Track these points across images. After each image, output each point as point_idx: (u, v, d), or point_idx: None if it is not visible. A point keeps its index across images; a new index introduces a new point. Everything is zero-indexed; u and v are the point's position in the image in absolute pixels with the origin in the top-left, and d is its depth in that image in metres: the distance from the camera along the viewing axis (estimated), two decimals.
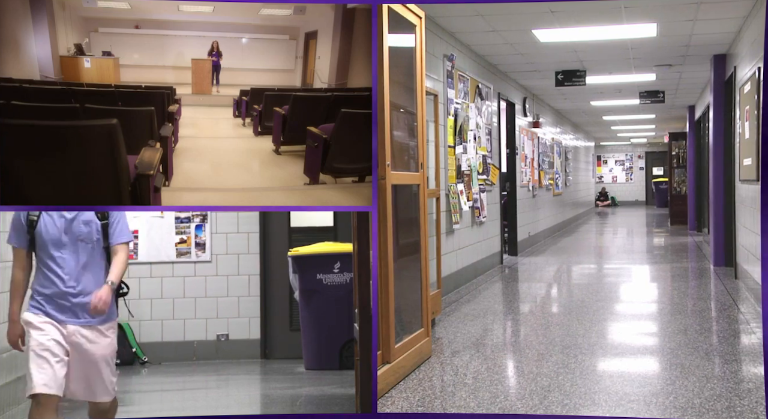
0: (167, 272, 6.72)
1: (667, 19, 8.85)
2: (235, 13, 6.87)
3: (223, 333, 6.56)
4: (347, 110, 5.20)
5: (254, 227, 6.54)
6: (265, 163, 6.04)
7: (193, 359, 6.64)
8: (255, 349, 6.55)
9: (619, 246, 16.28)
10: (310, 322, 5.94)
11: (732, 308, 7.83)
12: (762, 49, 6.76)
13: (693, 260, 12.25)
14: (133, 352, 6.54)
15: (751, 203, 8.05)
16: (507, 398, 4.87)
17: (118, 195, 4.21)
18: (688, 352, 5.97)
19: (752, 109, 7.83)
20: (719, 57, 10.92)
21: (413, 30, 5.90)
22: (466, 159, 9.71)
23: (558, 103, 17.48)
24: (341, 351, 5.91)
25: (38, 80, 5.67)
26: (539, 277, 10.80)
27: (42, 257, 3.73)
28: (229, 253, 6.60)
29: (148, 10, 7.04)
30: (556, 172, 18.31)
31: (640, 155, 34.03)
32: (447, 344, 6.41)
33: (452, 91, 9.17)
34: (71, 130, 4.17)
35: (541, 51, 10.52)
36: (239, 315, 6.55)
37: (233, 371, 6.23)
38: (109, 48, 6.47)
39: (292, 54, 7.10)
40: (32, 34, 5.59)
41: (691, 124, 18.06)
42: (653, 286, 10.30)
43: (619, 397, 4.86)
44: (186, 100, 6.58)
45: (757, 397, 4.76)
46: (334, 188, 5.26)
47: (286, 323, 6.54)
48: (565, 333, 6.77)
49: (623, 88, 14.58)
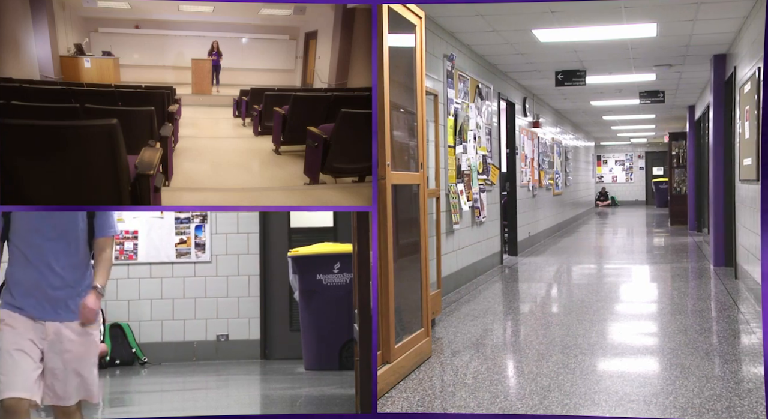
0: (167, 272, 6.71)
1: (667, 19, 8.85)
2: (235, 13, 6.88)
3: (223, 334, 6.58)
4: (347, 110, 5.20)
5: (254, 228, 6.57)
6: (265, 163, 6.04)
7: (193, 359, 6.64)
8: (255, 349, 6.56)
9: (619, 246, 16.28)
10: (309, 322, 5.95)
11: (732, 308, 7.83)
12: (762, 49, 6.76)
13: (693, 260, 12.25)
14: (133, 352, 6.54)
15: (751, 203, 8.05)
16: (507, 398, 4.87)
17: (118, 195, 4.20)
18: (688, 352, 5.97)
19: (752, 109, 7.83)
20: (719, 57, 10.92)
21: (413, 30, 5.90)
22: (466, 159, 9.71)
23: (558, 103, 17.48)
24: (341, 352, 5.91)
25: (38, 80, 5.67)
26: (539, 277, 10.80)
27: (20, 246, 3.47)
28: (228, 253, 6.62)
29: (148, 10, 7.04)
30: (556, 172, 18.31)
31: (640, 155, 34.03)
32: (447, 344, 6.41)
33: (452, 91, 9.17)
34: (71, 130, 4.17)
35: (541, 51, 10.52)
36: (239, 315, 6.57)
37: (233, 371, 6.24)
38: (109, 48, 6.47)
39: (292, 54, 7.10)
40: (32, 34, 5.59)
41: (691, 124, 18.06)
42: (653, 286, 10.30)
43: (619, 397, 4.86)
44: (186, 101, 6.58)
45: (757, 397, 4.76)
46: (334, 188, 5.26)
47: (285, 323, 6.55)
48: (565, 333, 6.77)
49: (623, 88, 14.58)
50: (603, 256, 14.06)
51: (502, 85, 12.40)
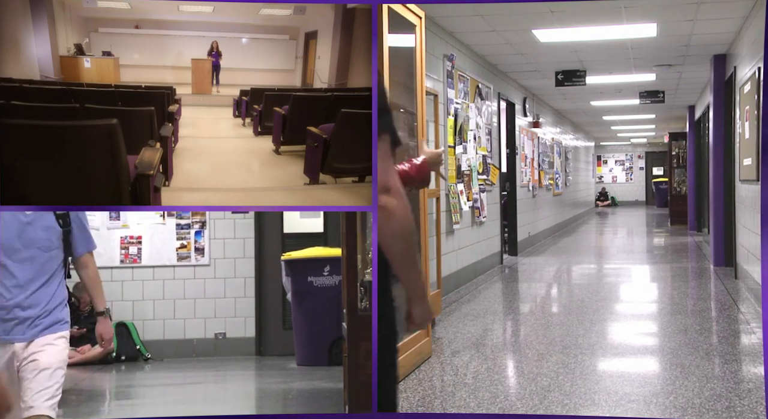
0: (168, 275, 7.01)
1: (667, 19, 8.84)
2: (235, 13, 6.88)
3: (221, 332, 6.84)
4: (347, 109, 5.19)
5: (250, 233, 6.84)
6: (265, 163, 6.05)
7: (193, 355, 6.90)
8: (250, 347, 6.80)
9: (619, 246, 16.29)
10: (301, 321, 6.22)
11: (732, 308, 7.82)
12: (762, 49, 6.76)
13: (693, 260, 12.25)
14: (137, 349, 6.84)
15: (751, 203, 8.05)
16: (507, 398, 4.87)
17: (118, 195, 4.19)
18: (688, 352, 5.97)
19: (752, 109, 7.83)
20: (719, 57, 10.92)
21: (413, 30, 5.90)
22: (466, 159, 9.71)
23: (558, 103, 17.48)
24: (330, 349, 6.14)
25: (38, 80, 5.67)
26: (539, 277, 10.80)
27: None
28: (226, 257, 6.89)
29: (148, 10, 7.04)
30: (556, 172, 18.31)
31: (640, 155, 34.02)
32: (447, 344, 6.41)
33: (452, 91, 9.17)
34: (71, 130, 4.16)
35: (541, 51, 10.52)
36: (236, 314, 6.84)
37: (230, 367, 6.51)
38: (109, 48, 6.47)
39: (292, 54, 7.11)
40: (32, 34, 5.59)
41: (691, 124, 18.06)
42: (653, 286, 10.30)
43: (619, 397, 4.86)
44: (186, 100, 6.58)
45: (757, 397, 4.76)
46: (334, 188, 5.25)
47: (279, 322, 6.81)
48: (565, 333, 6.77)
49: (623, 88, 14.58)
50: (603, 256, 14.06)
51: (502, 85, 12.40)
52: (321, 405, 5.16)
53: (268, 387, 6.04)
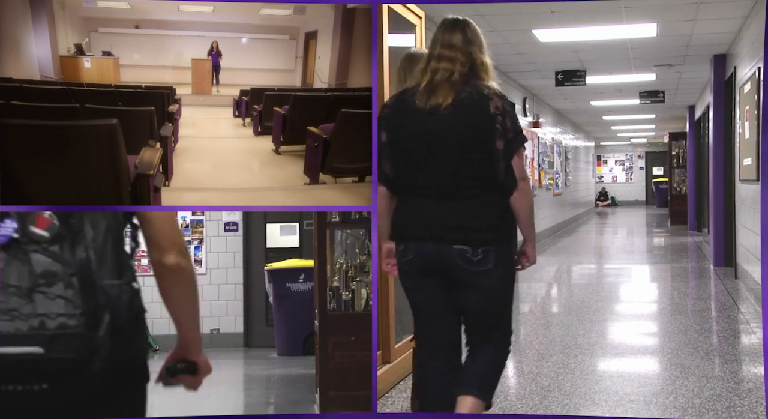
0: None
1: (667, 19, 8.84)
2: (235, 13, 6.88)
3: (216, 328, 7.95)
4: (347, 110, 5.20)
5: (239, 248, 8.04)
6: (265, 163, 6.06)
7: None
8: (239, 340, 7.97)
9: (619, 246, 16.29)
10: (281, 319, 7.35)
11: (732, 308, 7.83)
12: (762, 49, 6.76)
13: (693, 260, 12.25)
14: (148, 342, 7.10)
15: (751, 203, 8.05)
16: (507, 398, 4.87)
17: (118, 195, 4.19)
18: (688, 352, 5.97)
19: (752, 109, 7.83)
20: (719, 57, 10.91)
21: (413, 30, 5.89)
22: None
23: (558, 103, 17.47)
24: (304, 342, 7.23)
25: (38, 80, 5.67)
26: (539, 277, 10.80)
27: None
28: (219, 267, 8.05)
29: (148, 10, 7.04)
30: (556, 172, 18.31)
31: (640, 155, 34.02)
32: None
33: None
34: (71, 130, 4.16)
35: (541, 51, 10.52)
36: (227, 314, 8.02)
37: (223, 356, 7.52)
38: (109, 48, 6.48)
39: (292, 54, 7.11)
40: (32, 34, 5.59)
41: (691, 124, 18.06)
42: (653, 286, 10.30)
43: (619, 397, 4.86)
44: (186, 101, 6.58)
45: (757, 397, 4.75)
46: (334, 188, 5.26)
47: (263, 320, 8.02)
48: (565, 333, 6.77)
49: (623, 88, 14.57)
50: (603, 256, 14.06)
51: (502, 85, 12.36)
52: (297, 388, 6.16)
53: (254, 373, 7.13)
